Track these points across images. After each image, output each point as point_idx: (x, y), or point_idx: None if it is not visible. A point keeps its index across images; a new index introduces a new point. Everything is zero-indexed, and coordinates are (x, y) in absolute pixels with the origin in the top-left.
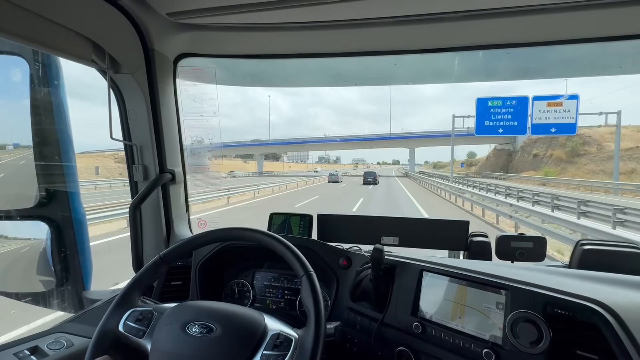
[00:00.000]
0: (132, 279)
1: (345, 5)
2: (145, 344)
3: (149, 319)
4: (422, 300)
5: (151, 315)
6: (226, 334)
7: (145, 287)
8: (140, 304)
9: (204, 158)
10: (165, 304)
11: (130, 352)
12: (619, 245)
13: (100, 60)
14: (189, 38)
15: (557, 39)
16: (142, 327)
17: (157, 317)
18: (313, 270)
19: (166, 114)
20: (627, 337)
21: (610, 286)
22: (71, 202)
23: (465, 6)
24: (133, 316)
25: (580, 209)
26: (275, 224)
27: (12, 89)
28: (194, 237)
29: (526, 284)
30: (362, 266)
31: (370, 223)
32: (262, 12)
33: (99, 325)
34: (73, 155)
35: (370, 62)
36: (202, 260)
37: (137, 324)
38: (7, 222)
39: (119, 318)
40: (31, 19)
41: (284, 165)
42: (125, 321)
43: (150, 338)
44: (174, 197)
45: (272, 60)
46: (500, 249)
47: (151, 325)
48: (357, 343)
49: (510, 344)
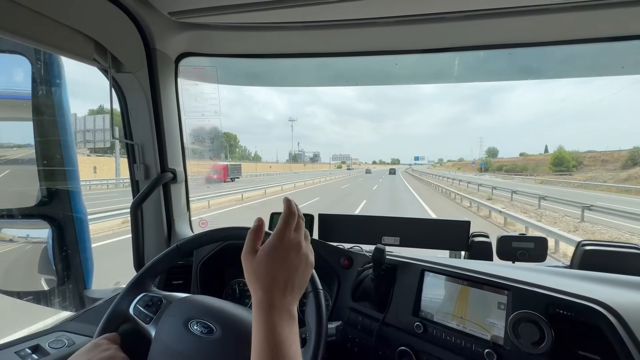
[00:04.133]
0: (149, 263)
1: (345, 5)
2: (150, 330)
3: (157, 305)
4: (424, 300)
5: (160, 302)
6: (225, 337)
7: (158, 274)
8: (152, 289)
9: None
10: (175, 293)
11: (135, 335)
12: (620, 245)
13: (102, 59)
14: (191, 37)
15: (558, 39)
16: (150, 313)
17: (165, 305)
18: (316, 269)
19: (167, 113)
20: (629, 338)
21: (612, 287)
22: (72, 201)
23: (466, 6)
24: (143, 300)
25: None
26: (275, 223)
27: (14, 87)
28: (212, 230)
29: (528, 284)
30: (363, 266)
31: (371, 223)
32: (263, 12)
33: (112, 305)
34: (74, 154)
35: (371, 62)
36: (203, 260)
37: (146, 309)
38: (9, 220)
39: (131, 300)
40: (33, 17)
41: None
42: (136, 304)
43: (156, 326)
44: (175, 196)
45: (273, 60)
46: (502, 249)
47: (158, 313)
48: (358, 343)
49: (512, 344)
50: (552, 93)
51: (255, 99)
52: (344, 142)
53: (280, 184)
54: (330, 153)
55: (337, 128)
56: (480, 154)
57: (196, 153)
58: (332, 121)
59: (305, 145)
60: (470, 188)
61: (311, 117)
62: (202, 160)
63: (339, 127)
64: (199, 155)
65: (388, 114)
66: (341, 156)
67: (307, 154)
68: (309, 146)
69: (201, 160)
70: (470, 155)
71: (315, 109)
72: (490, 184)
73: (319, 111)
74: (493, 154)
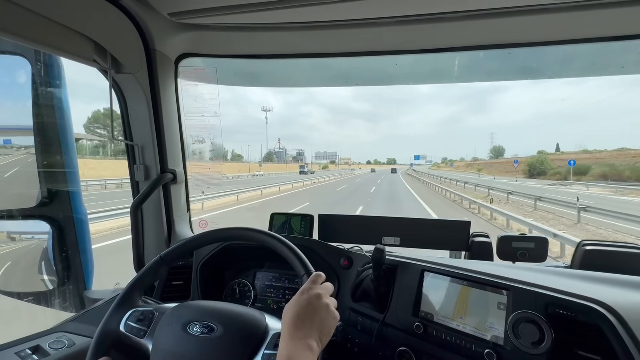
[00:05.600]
0: (133, 279)
1: (345, 5)
2: (147, 343)
3: (150, 318)
4: (424, 301)
5: (152, 315)
6: (227, 334)
7: (146, 287)
8: (141, 303)
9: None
10: (166, 304)
11: (131, 352)
12: (620, 245)
13: (102, 60)
14: (190, 38)
15: (557, 39)
16: (143, 327)
17: (158, 317)
18: (314, 270)
19: (167, 113)
20: (629, 338)
21: (612, 287)
22: (73, 201)
23: (465, 6)
24: (134, 316)
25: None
26: (276, 224)
27: (14, 88)
28: (195, 236)
29: (528, 284)
30: (363, 266)
31: (371, 223)
32: (263, 12)
33: (100, 326)
34: (74, 154)
35: (370, 62)
36: (203, 260)
37: (138, 324)
38: (10, 221)
39: (120, 318)
40: (33, 19)
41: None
42: (127, 321)
43: (152, 338)
44: (175, 197)
45: (272, 60)
46: (502, 249)
47: (152, 325)
48: (358, 343)
49: (511, 344)
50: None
51: (250, 98)
52: (340, 142)
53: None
54: (325, 153)
55: (333, 128)
56: (485, 152)
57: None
58: (328, 121)
59: (304, 145)
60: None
61: (307, 116)
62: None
63: (335, 127)
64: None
65: (384, 114)
66: (327, 154)
67: (289, 152)
68: (307, 146)
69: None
70: (472, 154)
71: (311, 109)
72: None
73: (314, 111)
74: (499, 152)
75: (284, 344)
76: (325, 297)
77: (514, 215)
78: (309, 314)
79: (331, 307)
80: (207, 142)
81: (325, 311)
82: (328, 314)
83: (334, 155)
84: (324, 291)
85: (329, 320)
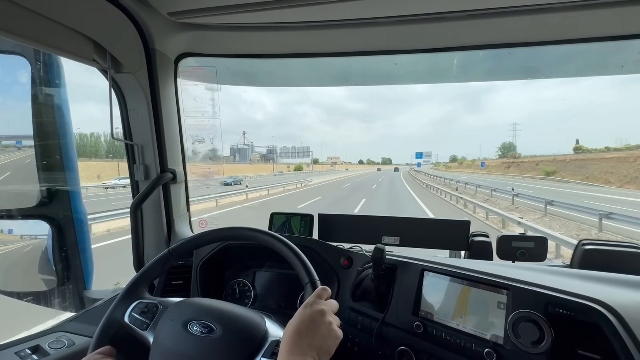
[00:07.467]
0: (141, 271)
1: (345, 5)
2: (148, 336)
3: (153, 312)
4: (423, 300)
5: (156, 308)
6: (226, 336)
7: (152, 280)
8: (147, 296)
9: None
10: (170, 298)
11: (132, 343)
12: (620, 245)
13: (102, 59)
14: (190, 38)
15: (557, 39)
16: (147, 319)
17: (162, 311)
18: (315, 268)
19: (167, 113)
20: (629, 337)
21: (612, 286)
22: (72, 201)
23: (466, 6)
24: (138, 308)
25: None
26: (275, 223)
27: (14, 88)
28: (204, 233)
29: (528, 283)
30: (363, 266)
31: (371, 223)
32: (262, 12)
33: (106, 315)
34: (74, 154)
35: (370, 62)
36: (203, 260)
37: (141, 316)
38: (9, 221)
39: (125, 309)
40: (33, 18)
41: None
42: (131, 312)
43: (153, 331)
44: (175, 197)
45: (272, 60)
46: (501, 248)
47: (155, 318)
48: (358, 342)
49: (511, 344)
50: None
51: (243, 97)
52: (335, 141)
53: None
54: (322, 153)
55: (328, 128)
56: (493, 151)
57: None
58: (323, 121)
59: (301, 145)
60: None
61: (302, 116)
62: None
63: (330, 127)
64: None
65: (379, 114)
66: (297, 151)
67: (257, 148)
68: (301, 145)
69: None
70: (477, 154)
71: (306, 109)
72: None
73: (309, 110)
74: (510, 149)
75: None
76: (329, 314)
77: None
78: (310, 330)
79: (334, 325)
80: (206, 142)
81: (327, 329)
82: (330, 333)
83: (306, 152)
84: (328, 308)
85: (329, 339)
